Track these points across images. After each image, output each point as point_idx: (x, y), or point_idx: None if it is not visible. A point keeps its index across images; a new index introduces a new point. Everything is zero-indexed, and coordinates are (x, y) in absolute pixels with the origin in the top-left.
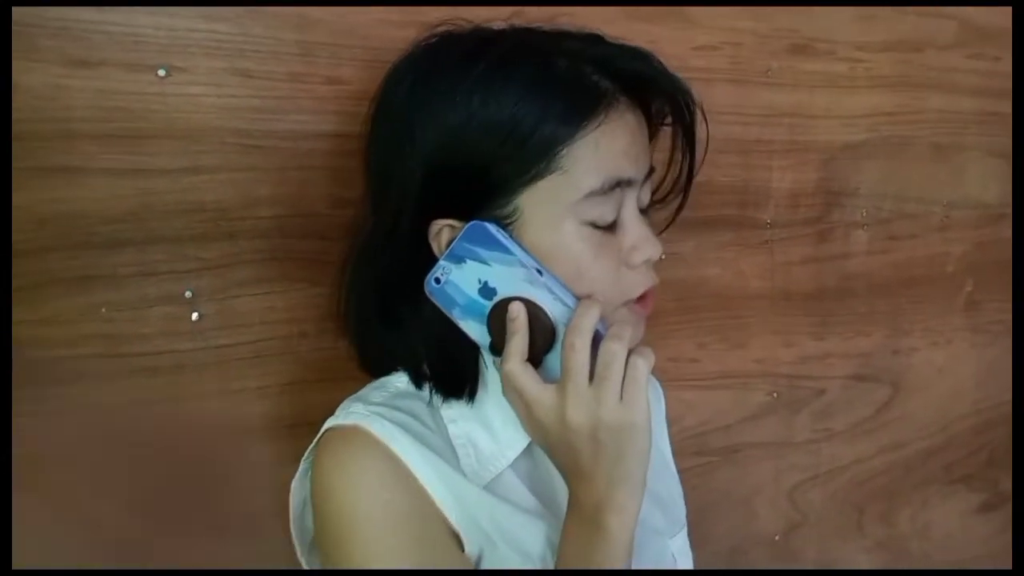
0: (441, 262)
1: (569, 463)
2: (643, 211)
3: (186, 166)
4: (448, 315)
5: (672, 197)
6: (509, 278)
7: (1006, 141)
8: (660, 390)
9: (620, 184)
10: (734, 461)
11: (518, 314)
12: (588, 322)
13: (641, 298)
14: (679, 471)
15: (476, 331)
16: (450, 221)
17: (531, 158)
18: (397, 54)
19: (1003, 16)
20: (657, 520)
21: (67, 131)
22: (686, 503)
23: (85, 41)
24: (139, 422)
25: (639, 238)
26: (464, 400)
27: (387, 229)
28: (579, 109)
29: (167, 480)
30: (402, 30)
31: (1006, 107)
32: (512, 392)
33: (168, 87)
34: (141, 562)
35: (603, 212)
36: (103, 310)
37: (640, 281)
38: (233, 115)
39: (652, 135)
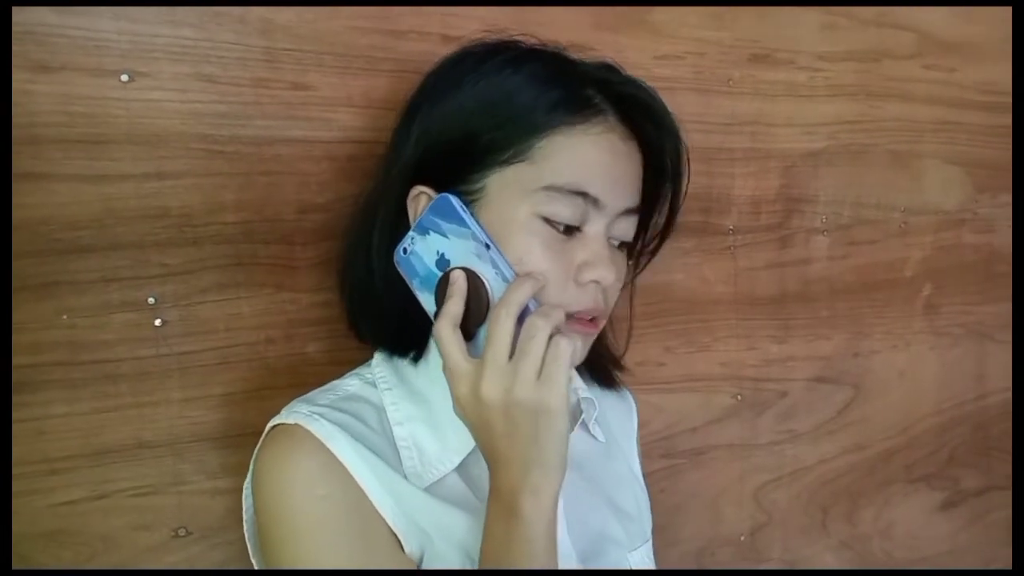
0: (410, 232)
1: (487, 443)
2: (619, 245)
3: (150, 172)
4: (410, 286)
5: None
6: (461, 250)
7: (962, 148)
8: (633, 404)
9: (585, 196)
10: (700, 463)
11: (457, 279)
12: (518, 296)
13: (590, 320)
14: (648, 474)
15: (427, 303)
16: (428, 189)
17: (510, 136)
18: (364, 60)
19: (960, 28)
20: (616, 531)
21: (30, 136)
22: (654, 506)
23: (48, 46)
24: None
25: (594, 256)
26: (407, 361)
27: (381, 188)
28: (567, 106)
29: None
30: (368, 36)
31: (961, 116)
32: (443, 363)
33: (132, 92)
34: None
35: (559, 212)
36: (65, 317)
37: (582, 299)
38: (198, 120)
39: (655, 192)
